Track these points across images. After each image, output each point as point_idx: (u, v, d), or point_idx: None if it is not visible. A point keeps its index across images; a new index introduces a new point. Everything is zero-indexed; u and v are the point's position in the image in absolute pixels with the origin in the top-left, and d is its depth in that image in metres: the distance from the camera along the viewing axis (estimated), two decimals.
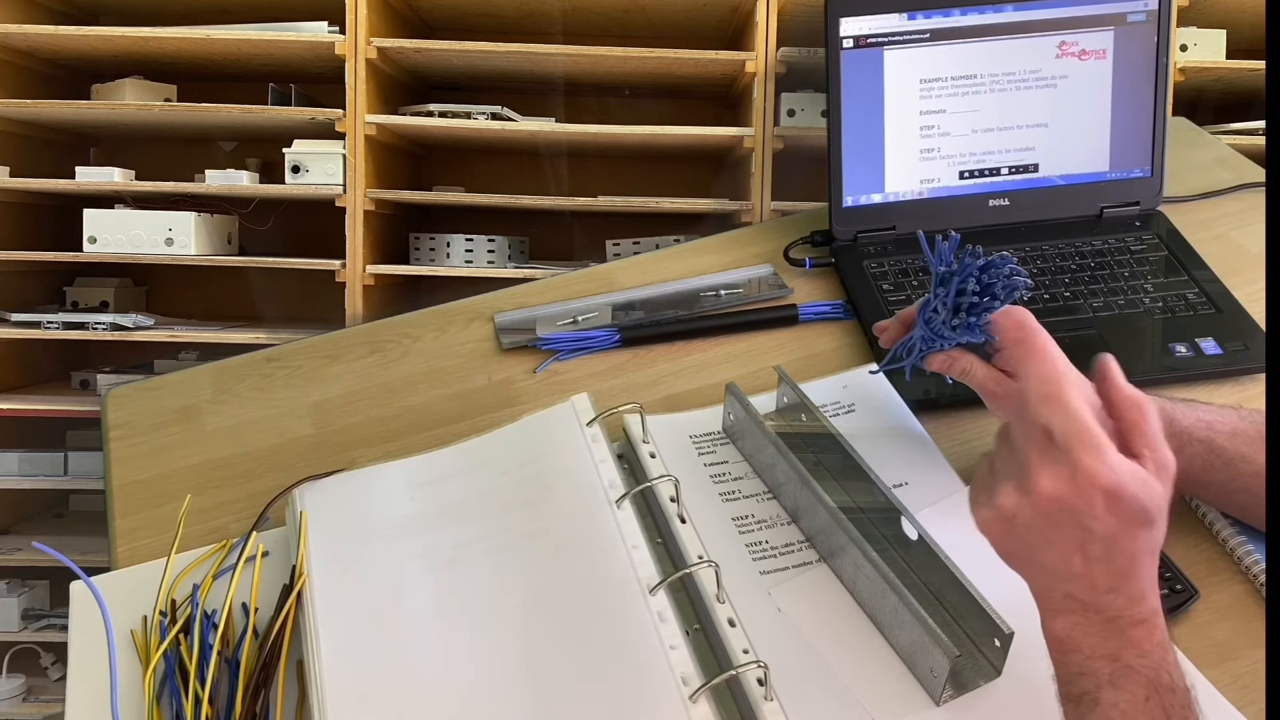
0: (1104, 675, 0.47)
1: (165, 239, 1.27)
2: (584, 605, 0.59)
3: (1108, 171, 1.00)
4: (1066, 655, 0.49)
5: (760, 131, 1.26)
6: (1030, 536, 0.49)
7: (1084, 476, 0.47)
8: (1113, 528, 0.47)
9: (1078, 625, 0.49)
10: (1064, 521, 0.48)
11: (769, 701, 0.54)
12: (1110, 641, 0.48)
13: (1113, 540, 0.48)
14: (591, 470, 0.67)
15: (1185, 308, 0.89)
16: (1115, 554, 0.48)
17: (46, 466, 1.30)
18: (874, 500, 0.65)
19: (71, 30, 1.26)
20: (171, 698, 0.60)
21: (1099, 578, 0.48)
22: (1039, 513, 0.48)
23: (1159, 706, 0.46)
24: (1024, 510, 0.49)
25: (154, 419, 0.86)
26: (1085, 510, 0.47)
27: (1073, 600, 0.49)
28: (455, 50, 1.27)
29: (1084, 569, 0.48)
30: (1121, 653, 0.47)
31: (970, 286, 0.61)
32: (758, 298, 0.95)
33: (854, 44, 0.97)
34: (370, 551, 0.67)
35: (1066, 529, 0.48)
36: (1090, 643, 0.48)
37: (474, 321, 0.94)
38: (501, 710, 0.56)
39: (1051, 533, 0.48)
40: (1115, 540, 0.48)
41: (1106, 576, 0.48)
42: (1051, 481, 0.48)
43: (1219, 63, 1.29)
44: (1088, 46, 0.98)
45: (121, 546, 0.75)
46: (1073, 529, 0.48)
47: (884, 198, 1.00)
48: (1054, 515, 0.48)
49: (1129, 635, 0.48)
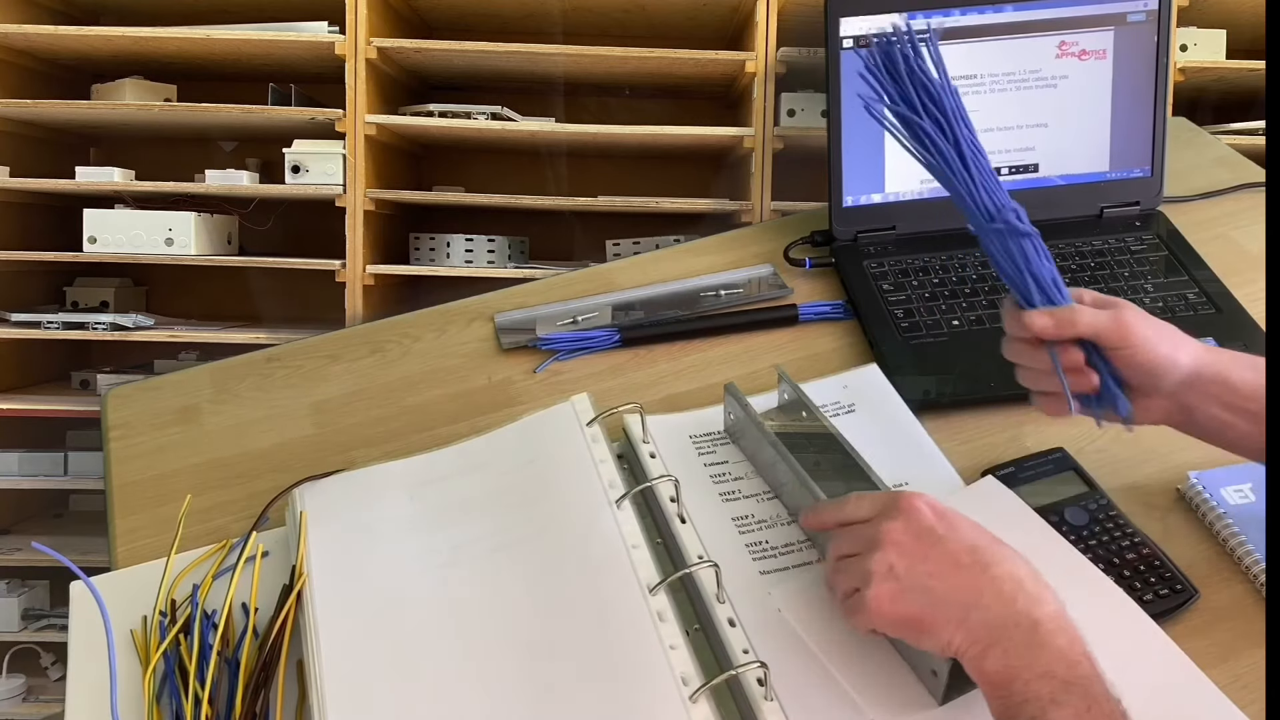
0: (1045, 697, 0.47)
1: (165, 239, 1.27)
2: (584, 605, 0.59)
3: (1108, 171, 1.00)
4: (1007, 688, 0.48)
5: (760, 131, 1.26)
6: (914, 579, 0.52)
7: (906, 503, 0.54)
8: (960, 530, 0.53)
9: (1006, 652, 0.49)
10: (925, 545, 0.53)
11: (769, 701, 0.54)
12: (1040, 658, 0.48)
13: (969, 542, 0.52)
14: (591, 470, 0.67)
15: (1185, 307, 0.89)
16: (985, 555, 0.52)
17: (46, 466, 1.30)
18: None
19: (71, 30, 1.26)
20: (171, 698, 0.60)
21: (993, 584, 0.50)
22: (902, 552, 0.53)
23: (1101, 715, 0.46)
24: (890, 558, 0.53)
25: (154, 419, 0.86)
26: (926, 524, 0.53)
27: (992, 627, 0.49)
28: (455, 50, 1.27)
29: (975, 579, 0.51)
30: (1053, 668, 0.47)
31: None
32: (758, 298, 0.95)
33: (854, 44, 0.97)
34: (370, 551, 0.67)
35: (932, 550, 0.52)
36: (1023, 665, 0.48)
37: (474, 321, 0.94)
38: (501, 710, 0.56)
39: (924, 563, 0.52)
40: (971, 542, 0.52)
41: (996, 581, 0.50)
42: (888, 524, 0.54)
43: (1219, 63, 1.29)
44: (1088, 46, 0.98)
45: (121, 546, 0.75)
46: (935, 547, 0.52)
47: (884, 197, 1.00)
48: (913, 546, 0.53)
49: (1053, 647, 0.48)
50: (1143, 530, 0.67)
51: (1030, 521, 0.66)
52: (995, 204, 0.63)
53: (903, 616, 0.52)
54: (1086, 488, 0.70)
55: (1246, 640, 0.62)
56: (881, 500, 0.56)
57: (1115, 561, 0.65)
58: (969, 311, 0.91)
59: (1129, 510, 0.69)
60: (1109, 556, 0.65)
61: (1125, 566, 0.65)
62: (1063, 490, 0.70)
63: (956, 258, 0.96)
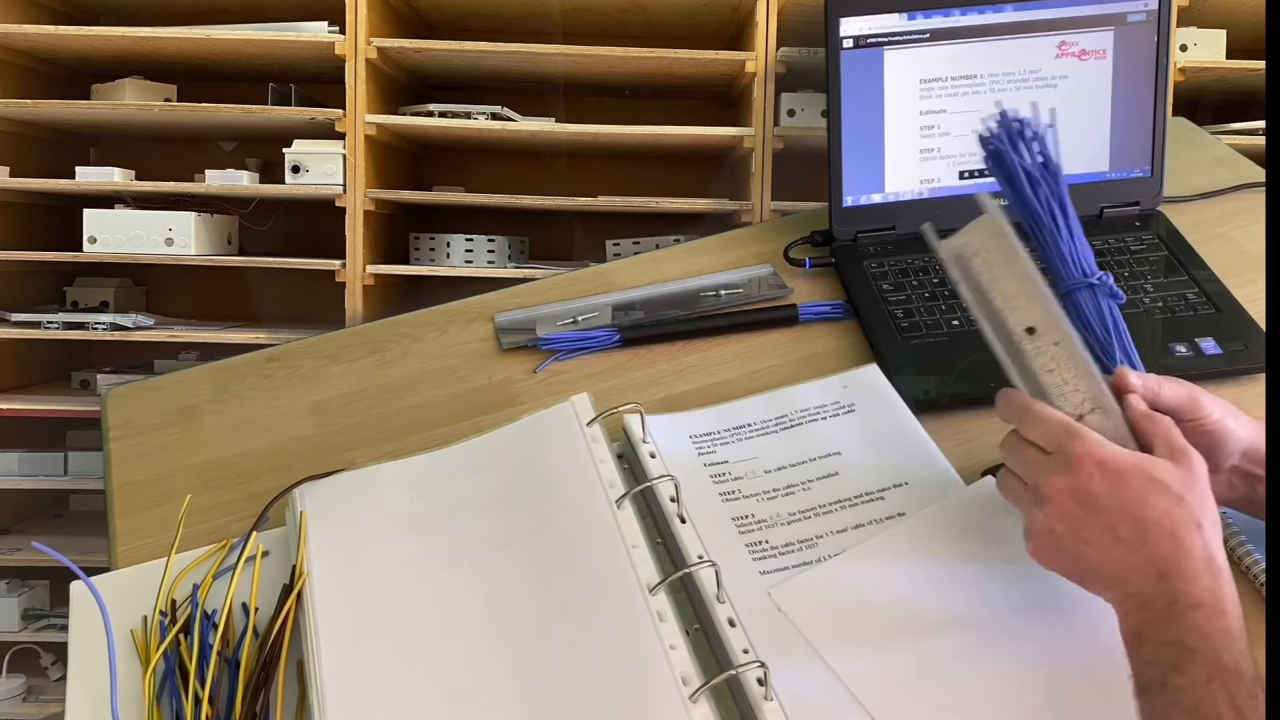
0: (1168, 661, 0.48)
1: (165, 239, 1.27)
2: (584, 605, 0.59)
3: (1107, 171, 1.00)
4: (1138, 650, 0.50)
5: (760, 131, 1.26)
6: (1071, 544, 0.53)
7: (1075, 460, 0.53)
8: (1126, 501, 0.51)
9: (1144, 620, 0.50)
10: (1086, 513, 0.52)
11: (769, 701, 0.54)
12: (1172, 627, 0.49)
13: (1134, 516, 0.51)
14: (591, 470, 0.67)
15: (1185, 308, 0.89)
16: (1147, 532, 0.51)
17: (46, 466, 1.30)
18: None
19: (71, 30, 1.26)
20: (171, 698, 0.60)
21: (1145, 563, 0.50)
22: (1064, 515, 0.53)
23: (1222, 689, 0.46)
24: (1052, 520, 0.53)
25: (154, 419, 0.86)
26: (1092, 490, 0.52)
27: (1135, 599, 0.51)
28: (455, 50, 1.27)
29: (1128, 557, 0.51)
30: (1184, 637, 0.48)
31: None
32: (758, 298, 0.95)
33: (854, 44, 0.97)
34: (370, 551, 0.67)
35: (1092, 519, 0.52)
36: (1154, 633, 0.49)
37: (474, 321, 0.94)
38: (501, 710, 0.56)
39: (1083, 530, 0.52)
40: (1137, 515, 0.51)
41: (1151, 560, 0.50)
42: (1056, 478, 0.53)
43: (1219, 63, 1.29)
44: (1088, 46, 0.98)
45: (121, 546, 0.75)
46: (1096, 517, 0.52)
47: (884, 198, 1.00)
48: (1075, 511, 0.52)
49: (1188, 619, 0.49)
50: None
51: None
52: (1089, 264, 0.66)
53: (1057, 569, 0.54)
54: None
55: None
56: (1056, 437, 0.54)
57: None
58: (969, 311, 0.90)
59: None
60: None
61: None
62: None
63: None
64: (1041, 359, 0.59)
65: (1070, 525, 0.52)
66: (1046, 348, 0.59)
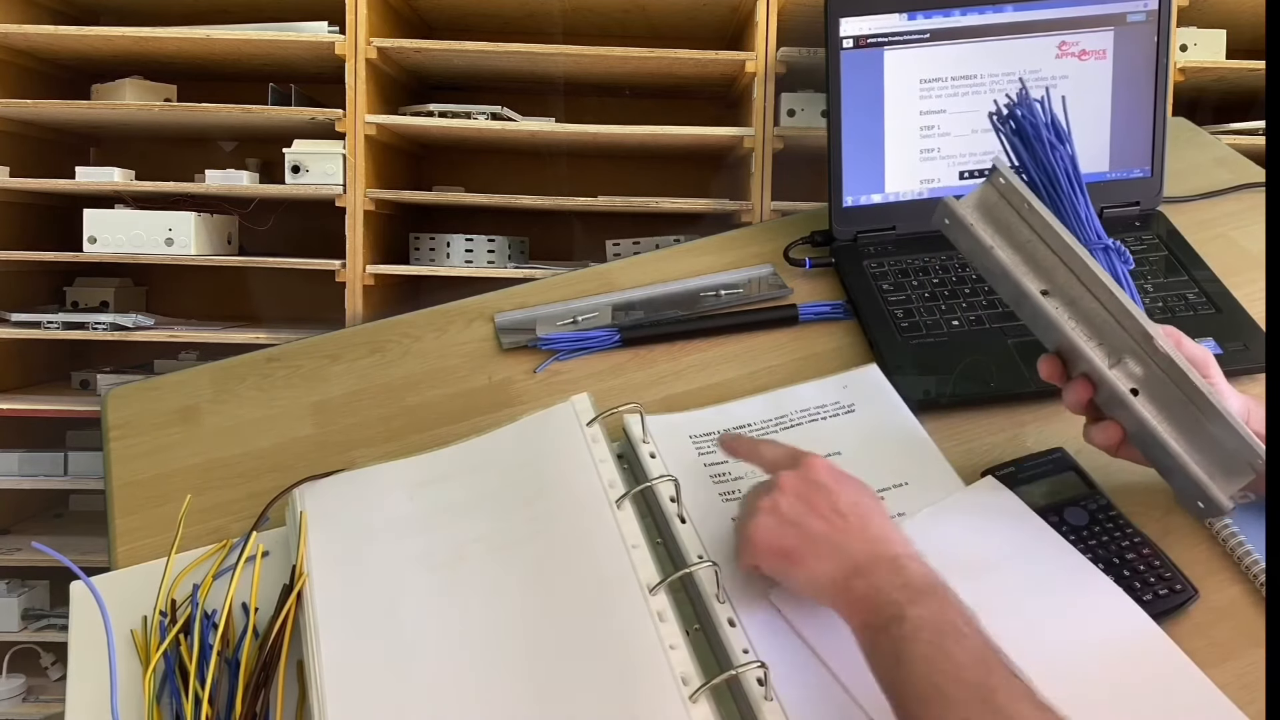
0: (904, 600, 0.52)
1: (165, 239, 1.27)
2: (584, 605, 0.59)
3: (1108, 171, 1.00)
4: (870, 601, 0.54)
5: (760, 131, 1.26)
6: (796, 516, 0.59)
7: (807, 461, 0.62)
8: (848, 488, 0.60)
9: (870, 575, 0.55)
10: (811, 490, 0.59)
11: (769, 701, 0.54)
12: (900, 575, 0.54)
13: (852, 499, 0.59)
14: (591, 470, 0.67)
15: (1185, 308, 0.89)
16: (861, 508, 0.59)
17: (46, 466, 1.30)
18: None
19: (71, 30, 1.26)
20: (171, 698, 0.60)
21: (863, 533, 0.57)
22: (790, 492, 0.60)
23: (957, 614, 0.51)
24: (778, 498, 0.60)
25: (154, 419, 0.86)
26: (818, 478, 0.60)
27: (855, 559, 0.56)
28: (455, 50, 1.27)
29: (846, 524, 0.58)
30: (911, 581, 0.54)
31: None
32: (758, 298, 0.95)
33: (854, 44, 0.97)
34: (370, 551, 0.67)
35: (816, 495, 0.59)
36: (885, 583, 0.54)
37: (474, 321, 0.94)
38: (501, 710, 0.56)
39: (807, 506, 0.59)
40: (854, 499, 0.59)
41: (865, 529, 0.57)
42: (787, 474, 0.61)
43: (1219, 63, 1.29)
44: (1088, 46, 0.98)
45: (121, 546, 0.75)
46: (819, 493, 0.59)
47: (884, 198, 1.00)
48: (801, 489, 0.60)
49: (913, 569, 0.54)
50: (1142, 530, 0.67)
51: (1030, 522, 0.66)
52: (1099, 229, 0.70)
53: (776, 548, 0.58)
54: (1086, 488, 0.70)
55: (1246, 640, 0.62)
56: (788, 453, 0.63)
57: (1115, 561, 0.65)
58: (969, 311, 0.91)
59: (1129, 510, 0.69)
60: (1109, 556, 0.65)
61: (1125, 566, 0.65)
62: (1063, 490, 0.70)
63: (957, 258, 0.96)
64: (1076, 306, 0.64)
65: (794, 503, 0.59)
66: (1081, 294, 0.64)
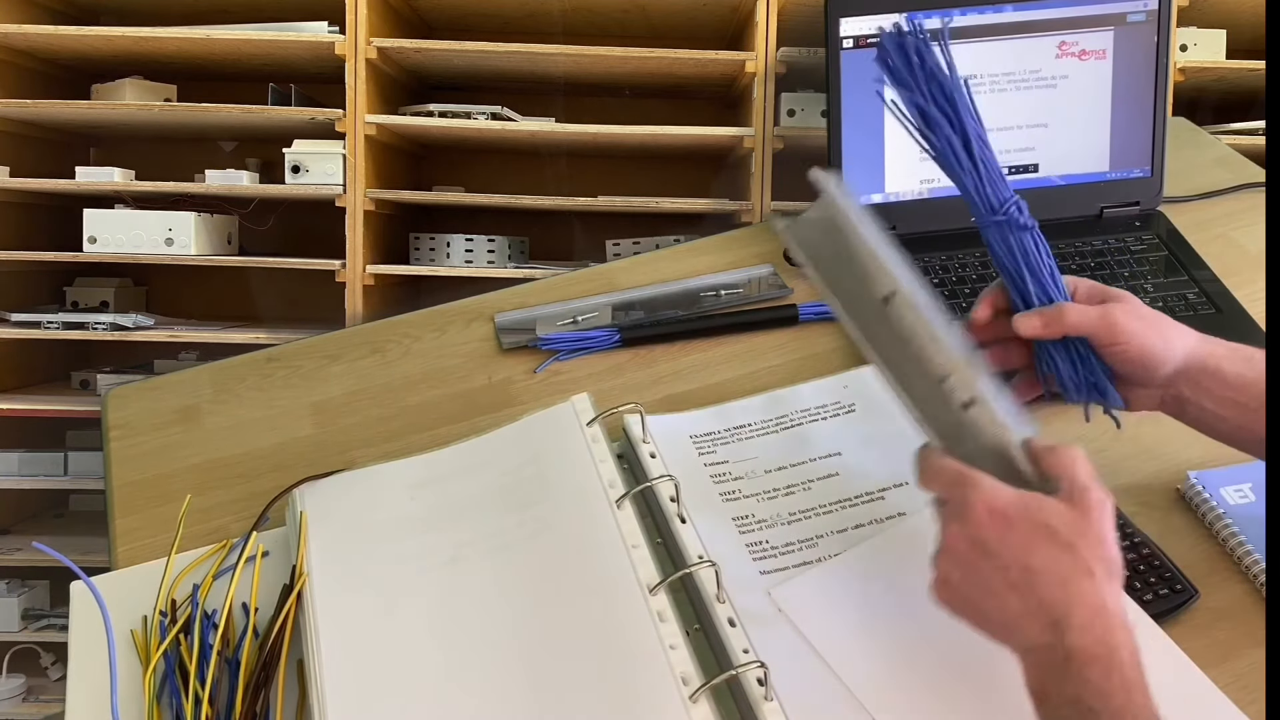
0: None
1: (165, 239, 1.27)
2: (584, 605, 0.59)
3: (1108, 171, 1.00)
4: (1040, 704, 0.48)
5: (760, 131, 1.26)
6: (967, 590, 0.51)
7: (968, 506, 0.51)
8: (1015, 547, 0.49)
9: (1044, 675, 0.48)
10: (979, 559, 0.50)
11: (769, 701, 0.54)
12: (1070, 684, 0.47)
13: (1022, 562, 0.49)
14: (591, 470, 0.67)
15: (1185, 308, 0.89)
16: (1036, 579, 0.49)
17: (46, 466, 1.30)
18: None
19: (71, 30, 1.26)
20: (171, 698, 0.60)
21: (1036, 610, 0.48)
22: (959, 562, 0.51)
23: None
24: (948, 565, 0.52)
25: (154, 419, 0.86)
26: (983, 536, 0.50)
27: (1031, 651, 0.49)
28: (455, 50, 1.27)
29: (1019, 604, 0.49)
30: (1081, 696, 0.46)
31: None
32: (758, 298, 0.95)
33: (854, 44, 0.97)
34: (370, 551, 0.67)
35: (984, 564, 0.50)
36: (1054, 689, 0.47)
37: (474, 321, 0.94)
38: (501, 710, 0.56)
39: (977, 576, 0.51)
40: (1025, 562, 0.49)
41: (1041, 607, 0.48)
42: (952, 524, 0.52)
43: (1219, 63, 1.29)
44: (1088, 46, 0.98)
45: (121, 546, 0.75)
46: (987, 561, 0.50)
47: (884, 198, 1.00)
48: (968, 557, 0.51)
49: (1084, 676, 0.46)
50: (1142, 530, 0.67)
51: None
52: (999, 198, 0.64)
53: (961, 617, 0.52)
54: None
55: (1246, 640, 0.62)
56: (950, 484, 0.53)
57: None
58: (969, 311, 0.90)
59: (1129, 510, 0.69)
60: None
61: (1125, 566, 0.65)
62: None
63: (956, 258, 0.96)
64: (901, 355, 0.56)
65: (965, 571, 0.51)
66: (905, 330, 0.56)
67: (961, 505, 0.52)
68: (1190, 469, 0.72)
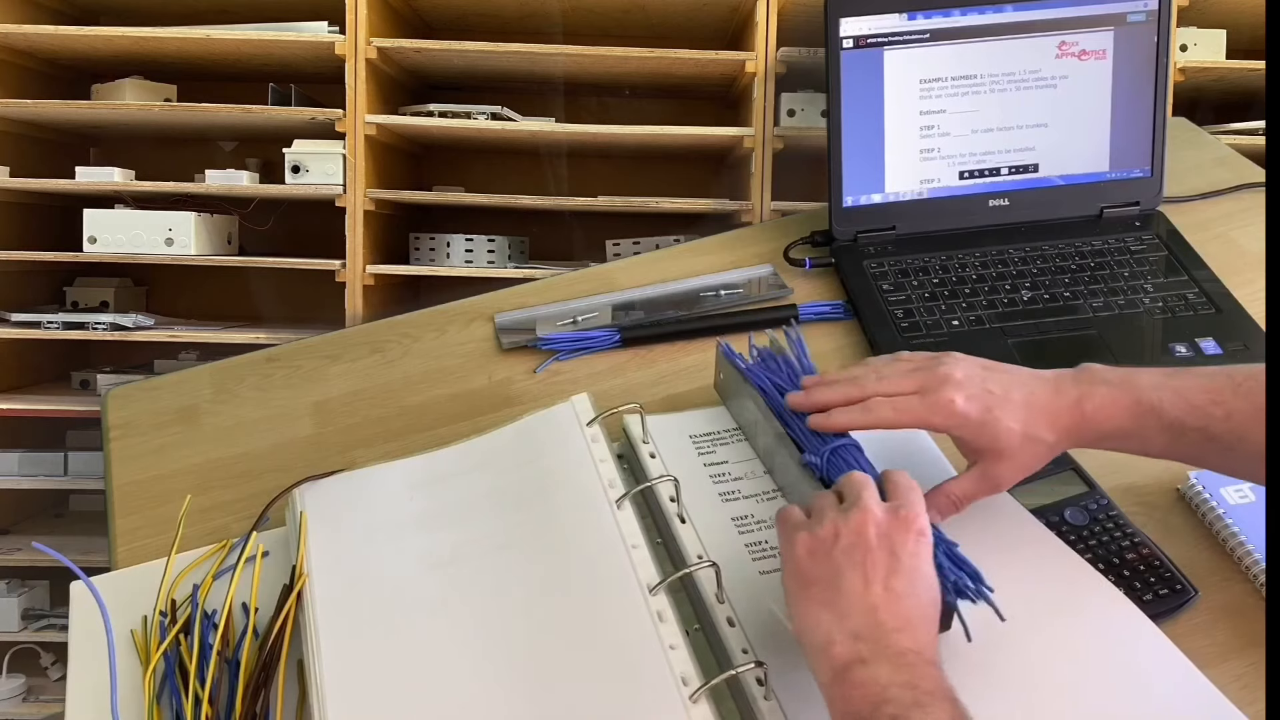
0: (907, 700, 0.47)
1: (165, 239, 1.27)
2: (584, 605, 0.59)
3: (1108, 171, 1.00)
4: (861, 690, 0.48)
5: (760, 131, 1.26)
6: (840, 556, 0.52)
7: (907, 511, 0.53)
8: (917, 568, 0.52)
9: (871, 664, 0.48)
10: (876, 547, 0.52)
11: (768, 701, 0.54)
12: (902, 673, 0.48)
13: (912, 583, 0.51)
14: (591, 470, 0.67)
15: (1185, 308, 0.89)
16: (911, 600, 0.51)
17: (46, 466, 1.30)
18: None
19: (71, 30, 1.26)
20: (171, 698, 0.60)
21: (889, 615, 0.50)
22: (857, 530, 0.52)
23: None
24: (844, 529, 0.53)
25: (154, 419, 0.86)
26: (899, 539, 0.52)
27: (861, 641, 0.49)
28: (455, 50, 1.27)
29: (877, 601, 0.50)
30: (917, 682, 0.47)
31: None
32: (758, 298, 0.95)
33: (854, 44, 0.97)
34: (370, 551, 0.67)
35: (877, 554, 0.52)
36: (885, 675, 0.48)
37: (474, 321, 0.94)
38: (501, 710, 0.56)
39: (861, 555, 0.52)
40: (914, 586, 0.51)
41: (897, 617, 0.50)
42: (880, 509, 0.54)
43: (1219, 63, 1.29)
44: (1088, 46, 0.98)
45: (121, 546, 0.75)
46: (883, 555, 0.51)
47: (884, 198, 1.00)
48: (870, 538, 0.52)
49: (920, 670, 0.48)
50: (1143, 530, 0.67)
51: (1025, 522, 0.66)
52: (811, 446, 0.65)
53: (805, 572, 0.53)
54: (1086, 488, 0.70)
55: (1246, 640, 0.62)
56: (903, 492, 0.55)
57: (1115, 561, 0.65)
58: (969, 311, 0.91)
59: (1129, 510, 0.69)
60: (1109, 556, 0.65)
61: (1125, 566, 0.65)
62: (1063, 490, 0.70)
63: (956, 258, 0.96)
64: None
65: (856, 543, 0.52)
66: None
67: (903, 513, 0.54)
68: (1190, 469, 0.72)
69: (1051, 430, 0.60)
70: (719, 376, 0.79)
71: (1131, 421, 0.59)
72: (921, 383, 0.61)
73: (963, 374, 0.60)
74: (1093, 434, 0.60)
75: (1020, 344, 0.86)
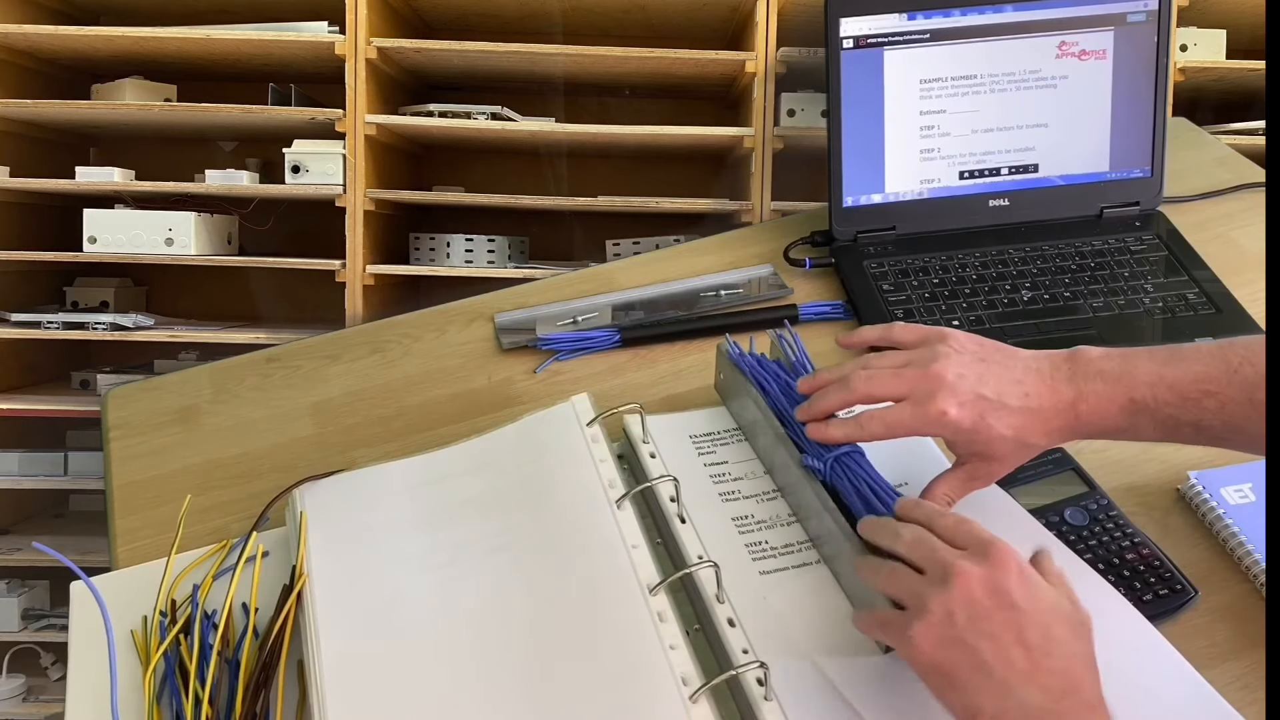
0: None
1: (165, 239, 1.27)
2: (584, 605, 0.59)
3: (1108, 171, 1.00)
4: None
5: (760, 131, 1.26)
6: (970, 635, 0.47)
7: (996, 553, 0.49)
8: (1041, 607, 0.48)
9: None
10: (996, 605, 0.48)
11: (768, 701, 0.54)
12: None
13: (1044, 625, 0.47)
14: (591, 470, 0.67)
15: (1185, 308, 0.89)
16: (1055, 646, 0.46)
17: (46, 466, 1.30)
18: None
19: (71, 30, 1.26)
20: (171, 698, 0.60)
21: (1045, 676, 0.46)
22: (968, 601, 0.48)
23: None
24: (955, 602, 0.48)
25: (154, 419, 0.86)
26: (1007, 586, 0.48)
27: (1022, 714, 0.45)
28: (455, 50, 1.27)
29: (1025, 663, 0.46)
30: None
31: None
32: (758, 298, 0.95)
33: (854, 44, 0.97)
34: (370, 551, 0.67)
35: (1000, 614, 0.47)
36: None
37: (474, 321, 0.94)
38: (501, 710, 0.56)
39: (987, 623, 0.47)
40: (1047, 625, 0.47)
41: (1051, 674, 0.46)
42: (969, 564, 0.49)
43: (1219, 63, 1.29)
44: (1088, 47, 0.98)
45: (121, 546, 0.75)
46: (1005, 612, 0.47)
47: (884, 198, 1.00)
48: (984, 601, 0.48)
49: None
50: (1142, 530, 0.67)
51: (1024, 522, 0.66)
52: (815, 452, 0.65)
53: (940, 664, 0.48)
54: (1086, 488, 0.70)
55: (1246, 640, 0.62)
56: (974, 532, 0.52)
57: (1115, 562, 0.65)
58: (969, 311, 0.91)
59: (1129, 510, 0.69)
60: (1109, 557, 0.65)
61: (1125, 567, 0.65)
62: (1062, 490, 0.70)
63: (956, 258, 0.96)
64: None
65: (974, 613, 0.47)
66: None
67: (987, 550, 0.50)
68: (1190, 469, 0.72)
69: (1044, 435, 0.60)
70: (719, 376, 0.79)
71: (1125, 420, 0.59)
72: (911, 386, 0.60)
73: (954, 374, 0.59)
74: (1085, 432, 0.60)
75: (1020, 344, 0.85)
